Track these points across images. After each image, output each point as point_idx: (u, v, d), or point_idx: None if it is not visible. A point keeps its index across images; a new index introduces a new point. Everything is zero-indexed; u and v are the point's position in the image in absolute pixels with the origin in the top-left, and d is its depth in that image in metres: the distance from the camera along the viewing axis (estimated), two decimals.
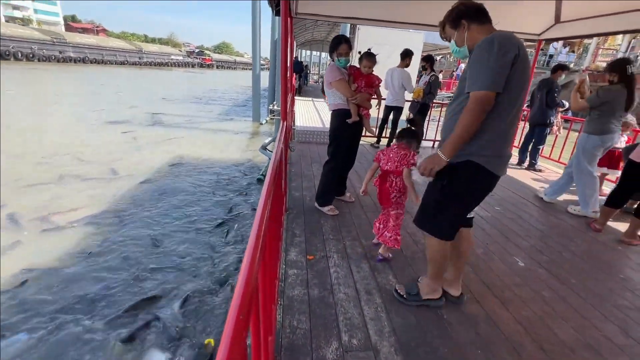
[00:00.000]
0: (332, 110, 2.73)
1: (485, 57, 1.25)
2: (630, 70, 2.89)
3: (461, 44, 1.45)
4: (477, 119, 1.29)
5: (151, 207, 4.82)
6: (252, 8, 10.40)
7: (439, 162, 1.40)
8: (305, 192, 3.25)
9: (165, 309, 2.93)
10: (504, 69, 1.24)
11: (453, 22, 1.46)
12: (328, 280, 1.93)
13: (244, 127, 11.07)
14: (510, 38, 1.26)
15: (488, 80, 1.24)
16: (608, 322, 1.76)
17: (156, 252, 3.77)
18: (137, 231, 4.16)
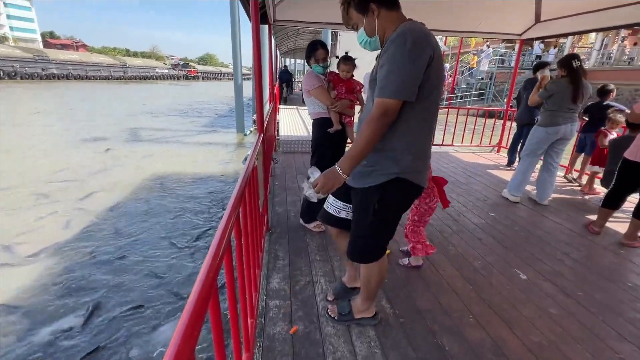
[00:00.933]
0: (313, 119, 2.55)
1: (397, 58, 1.05)
2: (576, 64, 2.97)
3: (372, 34, 1.22)
4: (381, 130, 1.11)
5: (125, 229, 4.52)
6: (231, 17, 10.25)
7: (337, 180, 1.19)
8: (290, 207, 3.05)
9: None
10: (418, 74, 1.07)
11: (359, 6, 1.21)
12: (314, 311, 1.71)
13: (228, 139, 10.81)
14: (426, 35, 1.07)
15: (399, 87, 1.06)
16: (624, 342, 1.60)
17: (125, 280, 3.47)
18: (107, 257, 3.85)
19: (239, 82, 11.00)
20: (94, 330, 2.77)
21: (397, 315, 1.71)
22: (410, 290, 1.92)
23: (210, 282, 0.62)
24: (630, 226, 2.61)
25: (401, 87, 1.06)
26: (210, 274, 0.64)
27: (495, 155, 5.72)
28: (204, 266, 0.66)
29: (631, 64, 15.93)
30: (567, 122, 3.11)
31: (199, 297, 0.56)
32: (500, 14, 4.40)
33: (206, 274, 0.64)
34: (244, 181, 1.30)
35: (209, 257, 0.68)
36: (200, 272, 0.64)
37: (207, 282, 0.60)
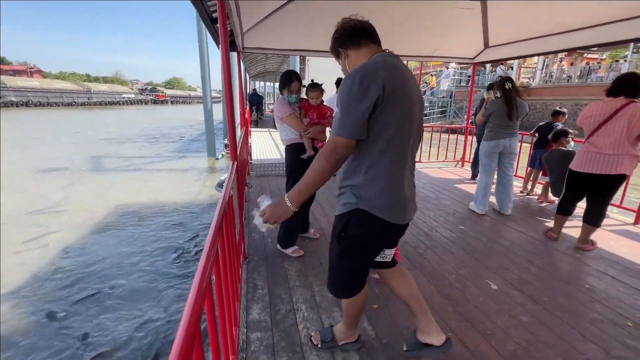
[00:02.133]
0: (285, 145, 2.59)
1: (344, 97, 1.09)
2: (508, 86, 3.36)
3: (347, 73, 1.21)
4: (330, 166, 1.13)
5: (85, 268, 4.21)
6: (199, 42, 10.30)
7: (286, 212, 1.19)
8: (266, 234, 3.01)
9: None
10: (363, 114, 1.07)
11: (333, 51, 1.31)
12: (297, 340, 1.68)
13: (199, 164, 10.57)
14: (374, 72, 1.07)
15: (346, 126, 1.09)
16: (588, 342, 1.71)
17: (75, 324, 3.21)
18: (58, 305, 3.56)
19: (209, 106, 10.93)
20: None
21: (380, 337, 1.72)
22: (391, 310, 1.94)
23: (193, 328, 0.61)
24: (582, 231, 2.84)
25: (347, 126, 1.09)
26: (193, 319, 0.63)
27: (460, 169, 6.05)
28: (187, 312, 0.65)
29: (569, 81, 17.76)
30: (505, 137, 3.45)
31: (183, 348, 0.55)
32: (454, 41, 4.81)
33: (188, 319, 0.63)
34: (220, 214, 1.29)
35: (191, 301, 0.67)
36: (183, 318, 0.63)
37: (189, 330, 0.60)
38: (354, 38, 1.24)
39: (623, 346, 1.70)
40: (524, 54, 4.62)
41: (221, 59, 2.18)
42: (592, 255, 2.73)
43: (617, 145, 2.46)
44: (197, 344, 0.64)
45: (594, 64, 18.42)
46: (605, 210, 2.72)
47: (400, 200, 1.22)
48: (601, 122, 2.52)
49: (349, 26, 1.25)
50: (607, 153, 2.50)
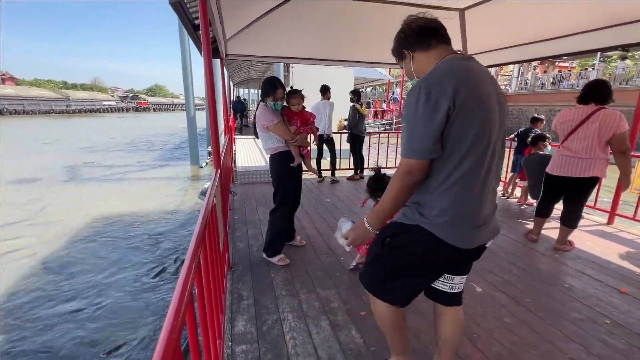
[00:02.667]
0: (270, 154, 2.55)
1: (411, 115, 1.00)
2: None
3: (411, 77, 1.20)
4: (407, 190, 1.05)
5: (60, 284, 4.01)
6: (181, 48, 10.17)
7: (367, 235, 1.17)
8: (252, 242, 2.96)
9: None
10: (435, 131, 0.97)
11: (396, 53, 1.22)
12: (284, 352, 1.64)
13: (182, 172, 10.35)
14: (440, 82, 0.97)
15: (416, 147, 0.99)
16: (570, 342, 1.75)
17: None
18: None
19: (192, 113, 10.77)
20: None
21: (368, 345, 1.70)
22: None
23: (172, 345, 0.58)
24: (560, 232, 2.94)
25: (417, 146, 0.99)
26: (174, 335, 0.60)
27: None
28: (166, 328, 0.62)
29: (543, 88, 18.58)
30: None
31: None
32: None
33: (168, 334, 0.60)
34: (202, 223, 1.25)
35: (170, 317, 0.64)
36: (161, 335, 0.60)
37: (168, 347, 0.56)
38: (422, 38, 1.11)
39: (602, 344, 1.75)
40: (500, 62, 4.80)
41: (204, 66, 2.15)
42: (571, 255, 2.82)
43: (589, 149, 2.56)
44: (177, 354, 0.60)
45: (565, 72, 19.37)
46: (581, 211, 2.82)
47: (470, 221, 1.08)
48: (574, 127, 2.63)
49: (417, 25, 1.13)
50: (580, 157, 2.60)
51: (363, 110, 5.31)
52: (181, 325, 0.66)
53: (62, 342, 3.01)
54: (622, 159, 2.51)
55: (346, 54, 4.73)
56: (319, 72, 9.82)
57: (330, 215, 3.72)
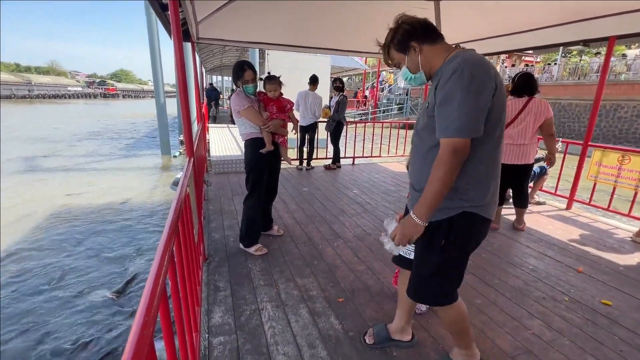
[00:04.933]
0: (244, 140, 2.49)
1: (458, 95, 1.00)
2: None
3: (416, 70, 1.19)
4: (454, 171, 1.05)
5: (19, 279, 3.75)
6: (148, 32, 9.58)
7: (416, 230, 1.13)
8: (228, 232, 2.89)
9: None
10: (483, 110, 1.02)
11: (400, 46, 1.18)
12: (263, 341, 1.63)
13: (153, 163, 9.89)
14: (484, 66, 1.02)
15: (464, 125, 1.01)
16: (533, 319, 1.87)
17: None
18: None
19: (162, 100, 10.26)
20: None
21: (346, 330, 1.73)
22: (356, 303, 1.96)
23: (147, 340, 0.55)
24: (516, 214, 3.18)
25: (465, 124, 1.01)
26: (146, 331, 0.56)
27: None
28: (137, 322, 0.58)
29: (509, 81, 19.38)
30: None
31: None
32: None
33: (140, 330, 0.56)
34: (175, 213, 1.19)
35: (142, 311, 0.60)
36: (132, 330, 0.56)
37: (140, 343, 0.53)
38: (430, 32, 1.15)
39: (562, 319, 1.88)
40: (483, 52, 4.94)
41: (174, 49, 2.02)
42: (534, 238, 3.00)
43: (524, 135, 2.81)
44: (150, 358, 0.57)
45: (530, 66, 20.31)
46: (526, 192, 3.07)
47: (496, 196, 1.20)
48: (513, 118, 2.83)
49: (422, 21, 1.16)
50: (518, 143, 2.84)
51: (325, 112, 5.33)
52: (154, 319, 0.63)
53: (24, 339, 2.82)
54: (551, 140, 2.84)
55: (323, 41, 4.64)
56: (295, 60, 9.64)
57: (308, 205, 3.71)
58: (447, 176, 1.05)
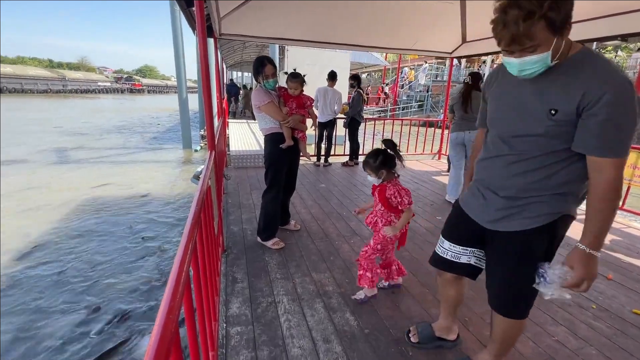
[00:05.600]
0: (265, 135, 2.51)
1: (630, 116, 0.92)
2: (466, 80, 3.58)
3: (553, 58, 0.94)
4: (620, 190, 0.99)
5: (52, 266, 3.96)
6: (172, 28, 9.82)
7: (596, 266, 1.02)
8: (246, 226, 2.94)
9: None
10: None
11: (558, 24, 0.88)
12: (279, 334, 1.65)
13: (174, 156, 10.17)
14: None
15: (627, 148, 0.96)
16: (558, 325, 1.80)
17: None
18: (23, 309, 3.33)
19: (184, 95, 10.51)
20: None
21: (362, 327, 1.72)
22: (372, 300, 1.95)
23: (171, 326, 0.56)
24: None
25: (628, 147, 0.97)
26: (171, 315, 0.58)
27: (436, 162, 6.19)
28: (163, 309, 0.59)
29: None
30: (464, 129, 3.57)
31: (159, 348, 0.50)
32: (433, 35, 4.86)
33: (166, 316, 0.58)
34: (198, 205, 1.22)
35: (167, 296, 0.62)
36: (158, 316, 0.58)
37: (167, 327, 0.55)
38: (568, 19, 0.92)
39: (588, 327, 1.80)
40: (498, 49, 4.76)
41: (198, 44, 2.07)
42: (563, 243, 2.87)
43: None
44: (175, 342, 0.59)
45: None
46: None
47: None
48: None
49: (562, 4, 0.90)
50: None
51: (364, 96, 5.27)
52: (179, 305, 0.65)
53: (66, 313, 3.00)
54: None
55: (344, 37, 4.61)
56: (315, 56, 9.61)
57: (325, 201, 3.71)
58: (617, 198, 0.99)
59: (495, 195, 1.18)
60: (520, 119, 1.07)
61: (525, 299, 1.21)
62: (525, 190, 1.11)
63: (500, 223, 1.17)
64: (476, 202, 1.25)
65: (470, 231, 1.27)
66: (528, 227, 1.11)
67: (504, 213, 1.15)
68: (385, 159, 1.77)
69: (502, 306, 1.25)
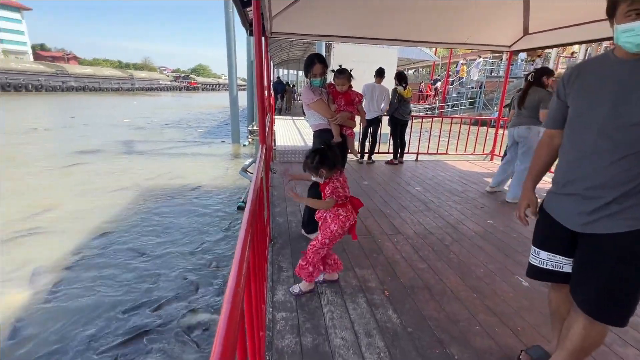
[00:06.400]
0: (313, 131, 2.57)
1: None
2: (530, 76, 3.43)
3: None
4: None
5: (114, 252, 4.43)
6: (226, 29, 10.37)
7: None
8: (291, 218, 3.04)
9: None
10: None
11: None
12: (322, 323, 1.70)
13: (224, 150, 10.78)
14: None
15: None
16: (628, 346, 1.63)
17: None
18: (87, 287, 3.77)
19: (235, 93, 11.06)
20: None
21: (405, 325, 1.71)
22: (416, 300, 1.92)
23: (239, 301, 0.63)
24: None
25: None
26: (239, 288, 0.65)
27: (489, 163, 5.82)
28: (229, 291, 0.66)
29: None
30: (514, 125, 3.51)
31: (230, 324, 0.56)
32: (490, 27, 4.56)
33: (232, 297, 0.64)
34: (254, 193, 1.31)
35: (233, 278, 0.69)
36: (225, 298, 0.64)
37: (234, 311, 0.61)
38: None
39: None
40: (565, 41, 4.33)
41: (255, 43, 2.17)
42: None
43: None
44: (240, 317, 0.65)
45: None
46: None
47: None
48: None
49: None
50: None
51: (406, 93, 5.10)
52: (244, 286, 0.71)
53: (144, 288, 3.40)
54: None
55: (392, 32, 4.52)
56: (361, 53, 9.53)
57: (368, 198, 3.69)
58: None
59: (590, 196, 1.10)
60: (627, 106, 1.00)
61: (628, 304, 1.10)
62: (628, 188, 1.02)
63: (597, 224, 1.09)
64: (565, 206, 1.19)
65: (564, 238, 1.22)
66: (634, 228, 1.03)
67: (602, 213, 1.08)
68: (322, 158, 1.76)
69: (600, 311, 1.13)
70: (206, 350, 2.70)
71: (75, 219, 5.07)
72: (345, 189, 1.86)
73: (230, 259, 3.88)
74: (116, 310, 3.12)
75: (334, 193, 1.80)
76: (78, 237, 4.49)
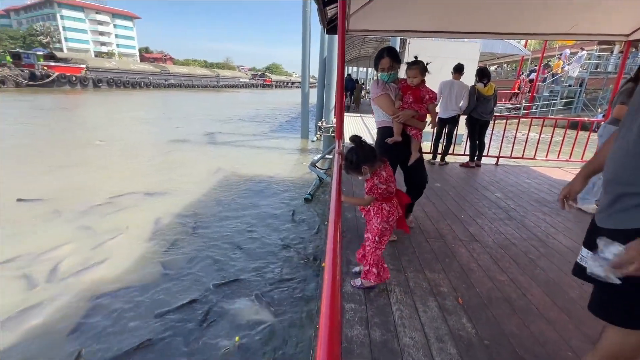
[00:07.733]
0: (377, 127, 2.54)
1: None
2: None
3: None
4: None
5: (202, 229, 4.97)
6: (302, 28, 10.78)
7: None
8: (358, 214, 3.07)
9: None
10: None
11: None
12: (390, 320, 1.71)
13: (293, 145, 11.27)
14: None
15: None
16: None
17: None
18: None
19: (307, 90, 11.46)
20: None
21: (481, 337, 1.61)
22: (494, 312, 1.79)
23: (336, 291, 0.68)
24: None
25: None
26: (335, 285, 0.70)
27: None
28: (327, 279, 0.72)
29: None
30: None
31: (332, 300, 0.61)
32: (602, 13, 3.90)
33: (332, 272, 0.70)
34: (337, 186, 1.37)
35: (329, 263, 0.74)
36: (324, 285, 0.70)
37: (334, 294, 0.66)
38: None
39: None
40: None
41: (338, 41, 2.24)
42: None
43: None
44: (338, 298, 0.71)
45: None
46: None
47: None
48: None
49: None
50: None
51: (486, 91, 4.67)
52: (340, 269, 0.77)
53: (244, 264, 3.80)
54: None
55: (477, 24, 4.17)
56: (438, 48, 9.00)
57: (440, 200, 3.52)
58: None
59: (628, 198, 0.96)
60: None
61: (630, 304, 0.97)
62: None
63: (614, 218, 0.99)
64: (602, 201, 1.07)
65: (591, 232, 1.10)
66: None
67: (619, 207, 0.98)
68: (359, 157, 1.72)
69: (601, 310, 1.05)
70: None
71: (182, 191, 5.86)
72: (390, 183, 1.82)
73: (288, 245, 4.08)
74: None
75: (372, 190, 1.79)
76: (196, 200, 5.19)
